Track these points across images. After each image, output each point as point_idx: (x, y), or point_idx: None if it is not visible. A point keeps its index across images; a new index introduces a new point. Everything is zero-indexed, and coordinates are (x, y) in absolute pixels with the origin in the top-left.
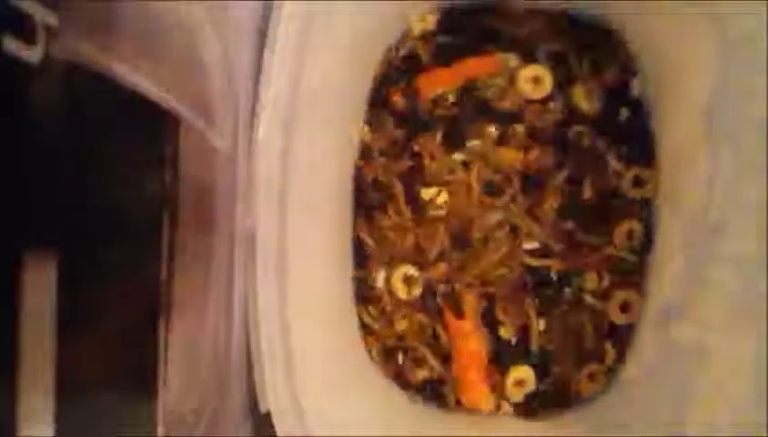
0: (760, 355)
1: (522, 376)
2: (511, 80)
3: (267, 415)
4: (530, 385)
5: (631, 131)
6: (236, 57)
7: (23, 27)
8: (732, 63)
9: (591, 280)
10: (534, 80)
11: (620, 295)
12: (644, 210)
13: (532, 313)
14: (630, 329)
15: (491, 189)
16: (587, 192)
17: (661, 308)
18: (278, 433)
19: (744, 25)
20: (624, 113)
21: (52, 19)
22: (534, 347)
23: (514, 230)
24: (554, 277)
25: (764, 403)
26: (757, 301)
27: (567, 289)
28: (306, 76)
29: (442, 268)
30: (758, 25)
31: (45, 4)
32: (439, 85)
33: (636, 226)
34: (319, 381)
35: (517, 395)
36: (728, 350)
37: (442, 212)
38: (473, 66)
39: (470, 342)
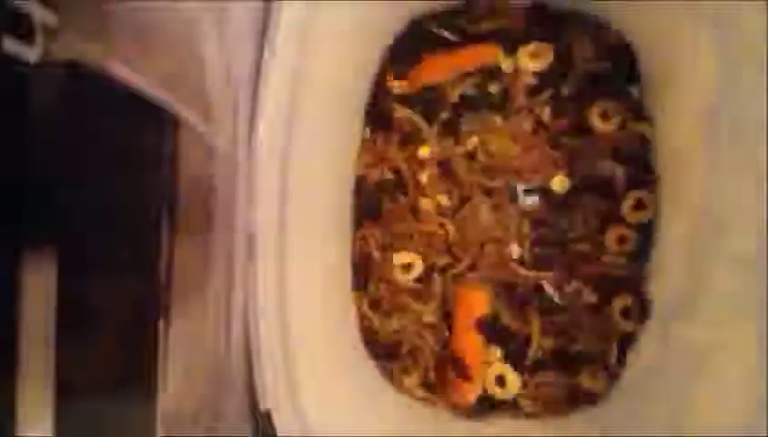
0: (760, 355)
1: (505, 376)
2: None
3: (268, 415)
4: (513, 389)
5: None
6: (236, 57)
7: (22, 27)
8: (732, 63)
9: (588, 290)
10: (534, 55)
11: (619, 301)
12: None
13: (534, 320)
14: (631, 332)
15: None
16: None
17: (661, 308)
18: (278, 433)
19: (744, 26)
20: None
21: (51, 19)
22: (531, 352)
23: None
24: (550, 289)
25: (764, 403)
26: (757, 301)
27: (564, 299)
28: (306, 76)
29: (447, 259)
30: (758, 27)
31: (44, 4)
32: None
33: (627, 231)
34: (319, 380)
35: (498, 394)
36: (728, 350)
37: (443, 205)
38: (467, 57)
39: (470, 335)
